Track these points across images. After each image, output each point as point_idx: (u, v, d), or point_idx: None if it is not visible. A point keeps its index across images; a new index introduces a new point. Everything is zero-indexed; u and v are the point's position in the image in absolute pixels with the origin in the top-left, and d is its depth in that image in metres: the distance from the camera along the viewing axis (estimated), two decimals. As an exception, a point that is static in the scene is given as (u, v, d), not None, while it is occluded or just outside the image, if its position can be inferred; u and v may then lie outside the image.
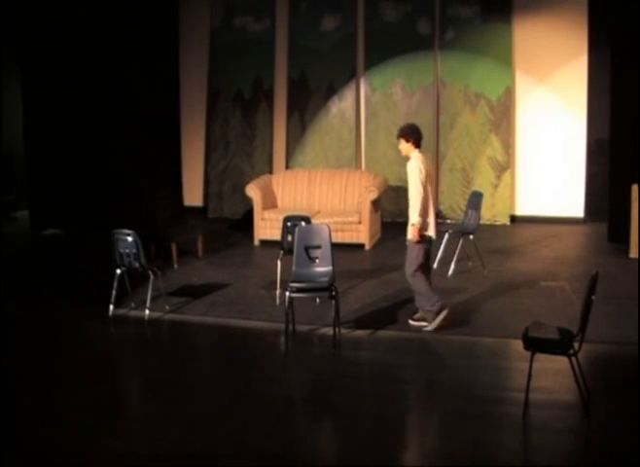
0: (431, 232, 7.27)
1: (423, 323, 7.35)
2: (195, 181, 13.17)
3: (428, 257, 7.41)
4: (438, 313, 7.25)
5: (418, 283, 7.25)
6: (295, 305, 7.10)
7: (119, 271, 7.83)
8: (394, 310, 7.86)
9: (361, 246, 10.51)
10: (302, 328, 7.35)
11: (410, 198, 7.14)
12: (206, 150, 13.19)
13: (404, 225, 12.25)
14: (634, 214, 9.55)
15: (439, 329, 7.24)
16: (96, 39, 11.32)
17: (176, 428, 5.41)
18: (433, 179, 7.22)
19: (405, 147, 7.24)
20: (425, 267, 7.35)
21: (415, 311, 7.50)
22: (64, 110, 11.61)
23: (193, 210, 12.75)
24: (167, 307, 7.98)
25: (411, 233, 7.10)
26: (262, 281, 8.84)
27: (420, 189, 7.04)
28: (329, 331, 7.14)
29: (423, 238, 7.17)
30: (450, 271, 9.10)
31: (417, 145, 7.20)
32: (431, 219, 7.25)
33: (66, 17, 11.41)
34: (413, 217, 7.07)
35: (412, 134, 7.20)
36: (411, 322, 7.46)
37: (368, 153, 12.60)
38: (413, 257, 7.21)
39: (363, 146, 12.64)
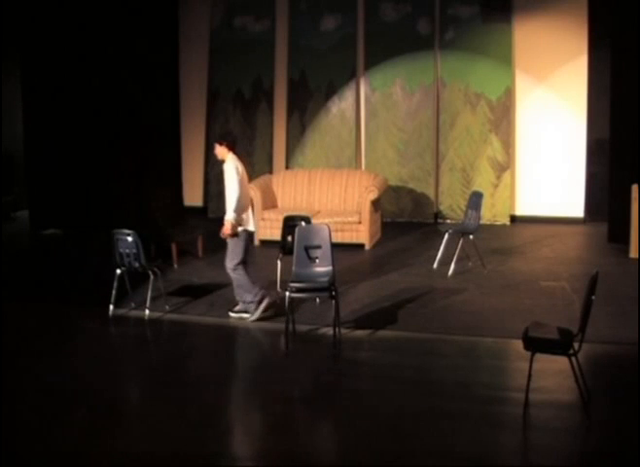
0: (250, 226, 7.67)
1: (244, 314, 7.65)
2: (195, 181, 13.17)
3: (247, 251, 7.72)
4: (259, 303, 7.62)
5: (239, 276, 7.60)
6: (295, 305, 7.10)
7: (119, 271, 7.83)
8: (394, 310, 7.86)
9: (361, 246, 10.51)
10: (302, 328, 7.35)
11: (227, 196, 7.54)
12: (206, 150, 13.18)
13: (404, 225, 12.33)
14: (634, 214, 9.55)
15: (261, 319, 7.59)
16: (96, 39, 11.32)
17: (176, 428, 5.41)
18: (247, 179, 7.87)
19: (219, 151, 7.70)
20: (245, 260, 7.71)
21: (235, 304, 7.76)
22: (64, 110, 11.61)
23: (193, 210, 12.75)
24: (167, 307, 7.98)
25: (226, 228, 7.46)
26: (262, 281, 8.82)
27: (237, 187, 7.47)
28: (329, 331, 7.15)
29: (238, 233, 7.53)
30: (450, 271, 9.10)
31: (231, 148, 7.70)
32: (249, 215, 7.67)
33: (66, 18, 11.41)
34: (229, 213, 7.45)
35: (225, 138, 7.76)
36: (232, 314, 7.73)
37: (368, 153, 12.60)
38: (233, 251, 7.58)
39: (363, 146, 12.64)
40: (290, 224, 8.21)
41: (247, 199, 7.74)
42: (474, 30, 12.13)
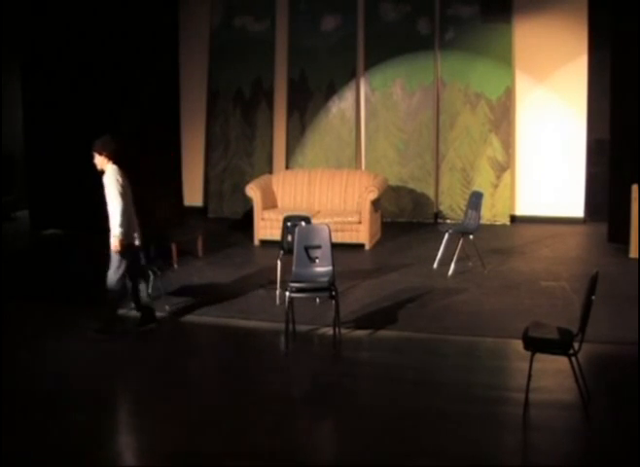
0: (136, 240, 7.32)
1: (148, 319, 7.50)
2: (195, 181, 13.17)
3: (136, 266, 7.51)
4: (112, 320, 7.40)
5: (116, 292, 7.33)
6: (295, 305, 7.11)
7: (119, 271, 7.82)
8: (394, 310, 7.86)
9: (361, 246, 10.51)
10: (302, 328, 7.35)
11: (110, 211, 7.14)
12: (206, 150, 13.19)
13: (404, 225, 12.32)
14: (634, 214, 9.55)
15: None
16: (96, 39, 11.31)
17: (176, 428, 5.41)
18: (130, 191, 7.34)
19: (98, 160, 7.31)
20: (134, 273, 7.46)
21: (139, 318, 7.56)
22: (64, 110, 11.60)
23: (193, 210, 12.75)
24: (167, 307, 7.97)
25: (114, 245, 7.10)
26: (262, 281, 8.84)
27: (120, 200, 7.09)
28: (329, 331, 7.15)
29: (129, 248, 7.21)
30: (450, 271, 9.10)
31: (111, 158, 7.27)
32: (135, 227, 7.30)
33: (66, 18, 11.40)
34: (115, 229, 7.08)
35: (105, 148, 7.28)
36: (141, 328, 7.53)
37: (368, 153, 12.59)
38: (117, 266, 7.24)
39: (363, 146, 12.64)
40: (290, 224, 8.21)
41: (130, 212, 7.27)
42: (474, 30, 12.13)
